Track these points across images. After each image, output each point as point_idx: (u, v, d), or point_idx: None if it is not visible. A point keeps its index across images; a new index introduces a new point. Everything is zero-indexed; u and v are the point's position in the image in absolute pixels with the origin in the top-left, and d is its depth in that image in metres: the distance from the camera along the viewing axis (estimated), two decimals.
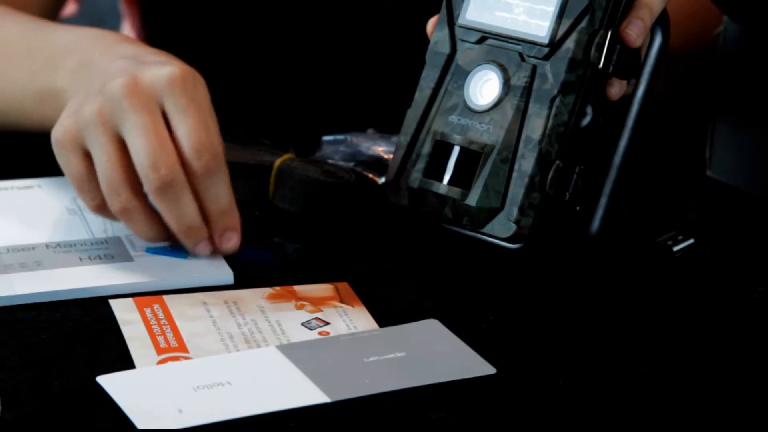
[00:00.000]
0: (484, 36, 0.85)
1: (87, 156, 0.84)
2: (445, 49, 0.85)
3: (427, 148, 0.84)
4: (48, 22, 0.97)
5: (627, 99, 0.85)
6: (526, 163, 0.82)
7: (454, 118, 0.84)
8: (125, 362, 0.77)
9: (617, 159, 0.85)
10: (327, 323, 0.81)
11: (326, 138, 0.98)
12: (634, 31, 0.83)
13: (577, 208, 0.84)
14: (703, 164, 0.98)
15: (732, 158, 0.96)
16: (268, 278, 0.85)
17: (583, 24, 0.82)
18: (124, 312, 0.81)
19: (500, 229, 0.82)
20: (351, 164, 0.96)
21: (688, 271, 0.87)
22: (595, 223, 0.84)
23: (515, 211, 0.82)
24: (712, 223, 0.93)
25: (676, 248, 0.88)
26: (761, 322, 0.82)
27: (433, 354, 0.78)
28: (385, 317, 0.81)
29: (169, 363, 0.77)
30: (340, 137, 0.97)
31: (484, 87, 0.84)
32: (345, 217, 0.91)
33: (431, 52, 0.86)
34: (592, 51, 0.82)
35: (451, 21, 0.86)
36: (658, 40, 0.85)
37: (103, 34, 0.93)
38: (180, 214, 0.83)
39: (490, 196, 0.82)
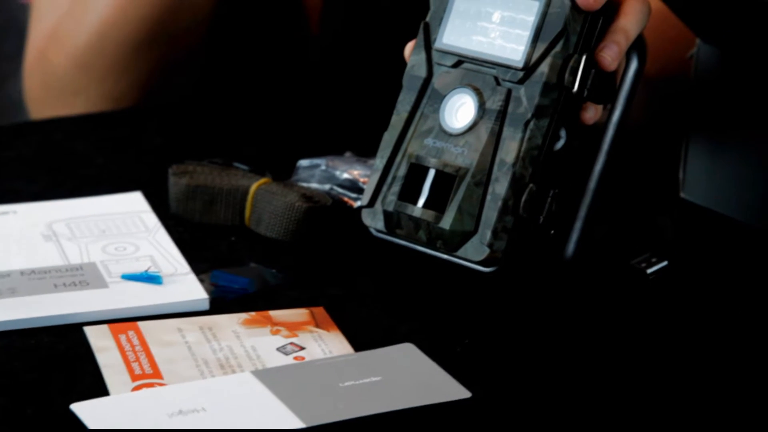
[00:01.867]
0: (461, 60, 0.85)
1: None
2: (422, 72, 0.86)
3: (402, 171, 0.84)
4: None
5: (602, 123, 0.85)
6: (499, 186, 0.82)
7: (429, 141, 0.84)
8: (100, 389, 0.77)
9: (592, 183, 0.85)
10: (302, 348, 0.81)
11: (302, 162, 0.98)
12: (610, 55, 0.83)
13: (552, 231, 0.84)
14: (677, 186, 0.98)
15: (705, 180, 0.96)
16: (243, 304, 0.85)
17: (558, 48, 0.83)
18: (99, 338, 0.81)
19: (474, 253, 0.82)
20: (327, 187, 0.96)
21: (662, 293, 0.87)
22: (570, 247, 0.85)
23: (488, 235, 0.82)
24: (686, 245, 0.93)
25: (649, 270, 0.89)
26: (734, 345, 0.82)
27: (408, 378, 0.78)
28: (360, 342, 0.81)
29: (144, 389, 0.77)
30: (317, 161, 0.98)
31: (459, 110, 0.84)
32: (321, 242, 0.91)
33: (408, 76, 0.86)
34: (566, 75, 0.83)
35: (428, 45, 0.86)
36: (633, 64, 0.85)
37: None
38: None
39: (464, 219, 0.82)
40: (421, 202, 0.83)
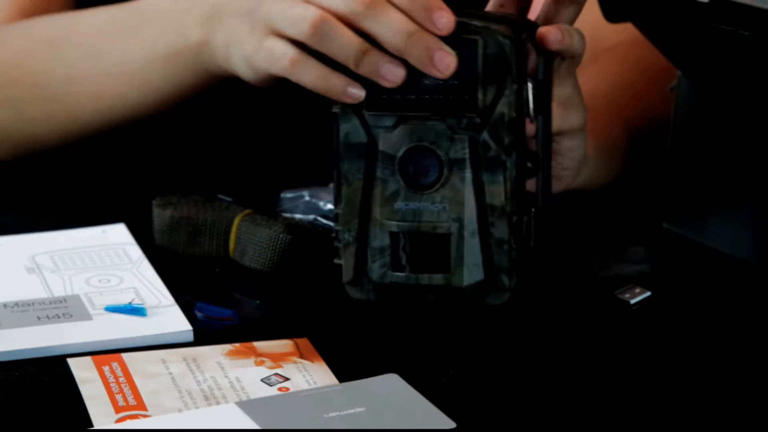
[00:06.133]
0: (402, 117, 0.83)
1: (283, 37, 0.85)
2: (361, 138, 0.83)
3: (381, 242, 0.83)
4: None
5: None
6: (499, 231, 0.82)
7: (401, 205, 0.83)
8: (83, 421, 0.76)
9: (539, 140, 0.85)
10: (287, 379, 0.81)
11: (286, 193, 0.98)
12: (552, 33, 0.84)
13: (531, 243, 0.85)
14: (659, 217, 0.98)
15: (687, 211, 0.97)
16: (227, 335, 0.85)
17: (507, 84, 0.82)
18: (83, 370, 0.81)
19: (495, 299, 0.83)
20: (311, 218, 0.96)
21: (645, 323, 0.88)
22: (540, 198, 0.85)
23: (506, 280, 0.83)
24: (669, 275, 0.94)
25: (633, 301, 0.89)
26: (718, 375, 0.83)
27: (392, 408, 0.78)
28: (344, 372, 0.81)
29: (128, 422, 0.76)
30: (300, 192, 0.98)
31: (420, 167, 0.83)
32: (305, 273, 0.91)
33: (345, 145, 0.84)
34: (524, 107, 0.83)
35: (356, 109, 0.84)
36: (541, 66, 0.84)
37: None
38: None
39: (472, 271, 0.82)
40: (423, 268, 0.83)
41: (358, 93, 0.83)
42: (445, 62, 0.81)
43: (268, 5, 0.86)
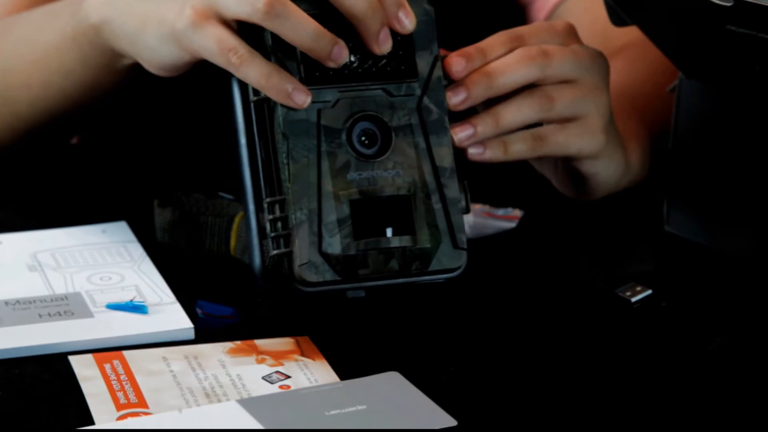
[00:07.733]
0: (340, 90, 0.84)
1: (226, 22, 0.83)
2: (301, 115, 0.83)
3: (339, 214, 0.83)
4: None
5: None
6: (451, 190, 0.84)
7: (354, 176, 0.83)
8: (85, 419, 0.76)
9: None
10: (288, 377, 0.81)
11: None
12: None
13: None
14: (661, 220, 0.98)
15: (689, 214, 0.96)
16: (228, 333, 0.85)
17: (434, 50, 0.85)
18: (84, 368, 0.81)
19: (450, 261, 0.84)
20: None
21: (646, 321, 0.88)
22: None
23: (464, 238, 0.84)
24: (670, 274, 0.94)
25: (634, 299, 0.89)
26: (719, 373, 0.83)
27: (394, 406, 0.78)
28: (346, 370, 0.81)
29: (129, 419, 0.77)
30: None
31: (366, 137, 0.84)
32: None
33: (287, 123, 0.83)
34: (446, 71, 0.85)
35: None
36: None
37: None
38: None
39: (434, 233, 0.84)
40: (389, 231, 0.83)
41: (304, 99, 0.83)
42: (388, 41, 0.84)
43: None
